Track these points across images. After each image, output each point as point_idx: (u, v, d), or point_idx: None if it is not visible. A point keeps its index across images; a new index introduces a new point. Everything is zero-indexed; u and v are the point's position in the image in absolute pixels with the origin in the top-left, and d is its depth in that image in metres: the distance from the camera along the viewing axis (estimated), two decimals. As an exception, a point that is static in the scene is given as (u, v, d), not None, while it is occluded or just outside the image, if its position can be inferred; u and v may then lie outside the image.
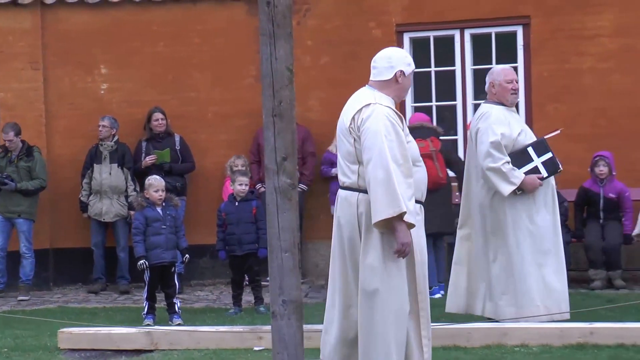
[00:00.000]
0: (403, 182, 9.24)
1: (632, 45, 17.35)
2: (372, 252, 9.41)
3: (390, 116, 9.43)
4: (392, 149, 9.31)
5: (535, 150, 12.47)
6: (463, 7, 17.95)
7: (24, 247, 17.52)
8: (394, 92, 9.75)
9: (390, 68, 9.74)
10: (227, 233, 15.48)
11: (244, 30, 17.38)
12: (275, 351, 8.50)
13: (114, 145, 17.70)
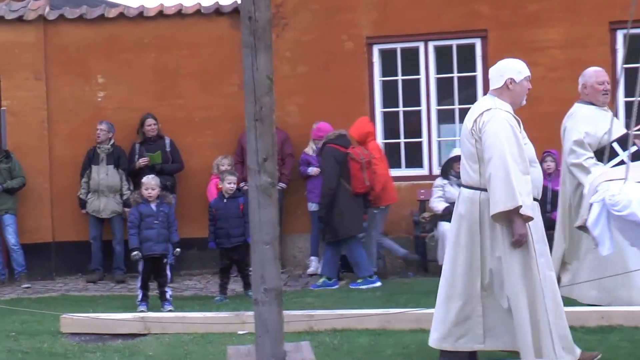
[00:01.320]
0: (521, 179, 9.30)
1: (579, 56, 17.43)
2: (499, 246, 9.45)
3: (509, 120, 9.56)
4: (511, 148, 9.41)
5: (620, 145, 11.82)
6: (427, 22, 18.08)
7: (13, 239, 17.69)
8: (509, 98, 9.90)
9: (500, 77, 9.99)
10: (217, 227, 15.63)
11: (228, 42, 17.44)
12: (258, 334, 8.67)
13: (110, 148, 17.82)
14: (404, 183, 18.28)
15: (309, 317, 12.72)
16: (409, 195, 18.09)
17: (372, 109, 18.49)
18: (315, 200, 17.65)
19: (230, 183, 15.65)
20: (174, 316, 13.66)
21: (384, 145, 18.49)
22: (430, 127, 18.53)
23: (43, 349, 12.15)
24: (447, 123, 18.73)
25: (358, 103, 18.41)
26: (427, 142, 18.57)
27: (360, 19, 18.32)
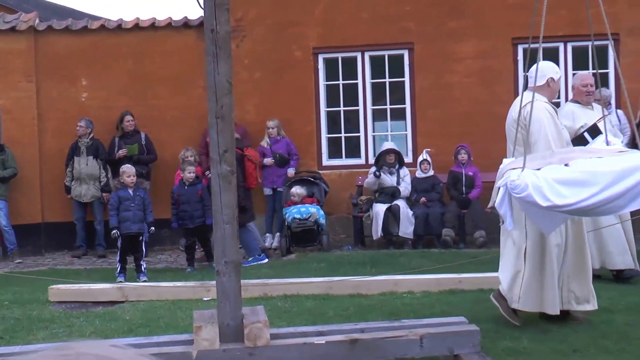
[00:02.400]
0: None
1: (488, 65, 17.72)
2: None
3: (549, 109, 10.11)
4: (552, 133, 9.92)
5: (590, 134, 12.15)
6: (363, 35, 18.14)
7: (4, 221, 17.62)
8: (548, 93, 10.36)
9: (543, 76, 10.27)
10: (180, 210, 15.76)
11: (194, 51, 17.29)
12: (219, 300, 8.76)
13: (89, 141, 17.73)
14: (344, 171, 18.47)
15: (263, 285, 12.90)
16: (348, 181, 18.25)
17: (317, 108, 18.60)
18: (269, 185, 17.88)
19: (190, 172, 15.81)
20: (148, 286, 13.74)
21: (328, 139, 18.69)
22: (366, 124, 18.67)
23: (33, 315, 12.12)
24: (380, 120, 18.80)
25: (305, 103, 18.50)
26: (364, 136, 18.71)
27: (308, 33, 18.37)
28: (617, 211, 9.74)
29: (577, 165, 9.17)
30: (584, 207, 8.98)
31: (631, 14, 17.43)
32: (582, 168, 9.08)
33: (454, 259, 14.73)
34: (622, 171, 8.95)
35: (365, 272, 14.03)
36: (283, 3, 18.39)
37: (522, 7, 15.71)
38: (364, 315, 11.09)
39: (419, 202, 17.14)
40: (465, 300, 12.06)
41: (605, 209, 9.33)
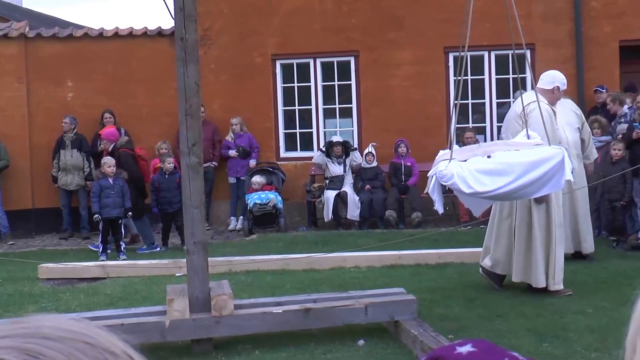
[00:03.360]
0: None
1: (423, 71, 17.74)
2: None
3: (549, 111, 10.23)
4: (549, 132, 9.97)
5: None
6: (315, 44, 18.14)
7: None
8: (549, 98, 10.52)
9: (552, 82, 10.62)
10: (160, 196, 15.70)
11: (167, 57, 16.82)
12: (189, 276, 8.83)
13: (73, 136, 17.47)
14: (299, 162, 18.45)
15: (228, 262, 12.89)
16: (302, 171, 18.27)
17: (275, 107, 18.55)
18: (233, 175, 17.90)
19: (169, 163, 15.74)
20: (127, 264, 13.75)
21: (284, 134, 18.74)
22: (318, 121, 18.65)
23: (24, 291, 12.13)
24: (330, 118, 18.77)
25: (265, 103, 18.45)
26: (316, 132, 18.69)
27: (267, 41, 18.29)
28: (528, 196, 9.90)
29: (497, 157, 9.27)
30: (501, 193, 9.12)
31: (545, 27, 17.53)
32: (500, 160, 9.19)
33: (394, 237, 14.70)
34: (534, 162, 9.10)
35: (318, 250, 14.04)
36: (245, 15, 18.30)
37: (452, 20, 15.74)
38: (316, 288, 11.17)
39: (364, 188, 17.19)
40: (404, 274, 12.20)
41: (519, 195, 9.52)
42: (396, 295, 9.39)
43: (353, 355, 8.39)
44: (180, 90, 8.80)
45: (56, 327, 0.91)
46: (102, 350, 0.90)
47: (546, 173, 9.06)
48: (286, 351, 8.55)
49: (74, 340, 0.89)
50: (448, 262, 12.79)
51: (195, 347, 8.71)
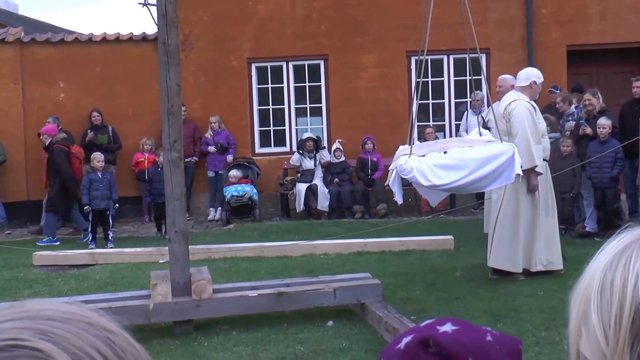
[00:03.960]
0: (535, 147, 10.13)
1: (387, 73, 17.78)
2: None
3: (528, 107, 10.33)
4: (530, 126, 10.18)
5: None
6: (287, 48, 18.11)
7: None
8: (529, 94, 10.63)
9: (527, 79, 10.65)
10: (153, 187, 15.70)
11: (150, 60, 16.75)
12: (171, 263, 8.80)
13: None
14: (273, 157, 18.40)
15: (207, 250, 12.89)
16: (276, 165, 18.21)
17: (250, 107, 18.49)
18: (212, 169, 17.85)
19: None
20: (114, 251, 13.67)
21: (259, 131, 18.69)
22: (290, 119, 18.60)
23: (19, 277, 12.08)
24: (302, 117, 18.74)
25: (241, 103, 18.40)
26: (288, 129, 18.64)
27: (243, 46, 18.25)
28: (481, 189, 10.00)
29: (452, 152, 9.28)
30: (456, 186, 9.14)
31: (498, 33, 17.59)
32: (456, 155, 9.18)
33: (360, 227, 14.80)
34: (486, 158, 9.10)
35: (290, 238, 14.05)
36: (222, 22, 18.25)
37: (413, 26, 15.73)
38: (289, 273, 11.15)
39: (333, 182, 17.17)
40: (369, 260, 12.20)
41: (473, 187, 9.54)
42: (362, 279, 9.39)
43: (323, 335, 8.40)
44: (162, 90, 8.76)
45: (56, 309, 0.92)
46: (102, 328, 0.92)
47: (498, 168, 9.07)
48: (261, 331, 8.55)
49: (76, 320, 0.91)
50: (410, 250, 12.78)
51: (177, 328, 8.69)
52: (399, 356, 1.33)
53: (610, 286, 1.15)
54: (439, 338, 1.31)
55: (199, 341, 8.37)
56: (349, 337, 8.27)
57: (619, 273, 1.15)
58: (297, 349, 7.91)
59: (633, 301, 1.13)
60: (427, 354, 1.31)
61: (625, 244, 1.18)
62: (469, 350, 1.30)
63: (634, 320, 1.12)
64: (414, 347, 1.32)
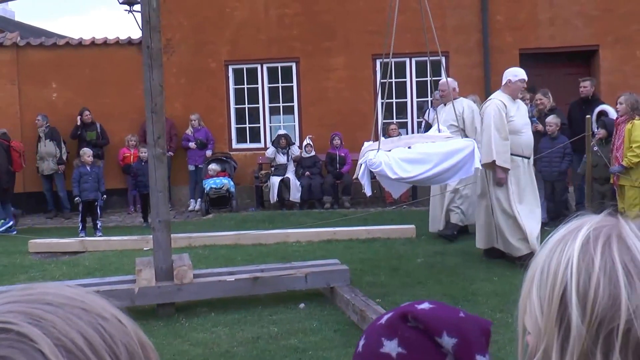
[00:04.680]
0: (500, 143, 9.94)
1: (354, 75, 17.74)
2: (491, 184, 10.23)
3: (498, 105, 10.11)
4: (496, 123, 10.00)
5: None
6: (262, 52, 18.03)
7: None
8: (509, 91, 10.38)
9: (505, 78, 10.45)
10: (138, 181, 15.62)
11: (135, 62, 16.76)
12: (155, 250, 8.80)
13: (46, 129, 17.26)
14: (248, 152, 18.31)
15: (188, 238, 12.82)
16: (251, 160, 18.12)
17: (228, 106, 18.41)
18: (192, 163, 17.76)
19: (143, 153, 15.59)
20: (102, 239, 13.61)
21: (236, 129, 18.58)
22: (265, 117, 18.51)
23: (16, 263, 12.06)
24: (275, 115, 18.63)
25: (219, 102, 18.30)
26: (263, 127, 18.53)
27: (220, 50, 18.17)
28: (444, 181, 9.99)
29: (417, 147, 9.26)
30: (421, 178, 9.13)
31: (456, 38, 17.58)
32: (420, 150, 9.19)
33: (330, 217, 14.77)
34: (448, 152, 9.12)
35: (264, 227, 14.03)
36: (201, 27, 18.18)
37: (378, 32, 15.68)
38: (263, 259, 11.11)
39: (304, 175, 17.13)
40: (338, 248, 12.17)
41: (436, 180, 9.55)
42: (332, 265, 9.39)
43: (295, 316, 8.40)
44: (146, 90, 8.74)
45: (58, 294, 0.93)
46: (95, 315, 0.92)
47: (459, 162, 9.07)
48: (238, 313, 8.54)
49: (72, 306, 0.91)
50: (376, 238, 12.75)
51: (160, 310, 8.69)
52: (381, 329, 1.41)
53: (548, 269, 1.22)
54: (417, 313, 1.38)
55: (181, 322, 8.36)
56: (319, 318, 8.27)
57: (555, 257, 1.22)
58: (271, 329, 7.91)
59: (562, 282, 1.19)
60: (406, 327, 1.39)
61: (564, 233, 1.25)
62: (444, 323, 1.37)
63: (562, 298, 1.19)
64: (394, 321, 1.40)
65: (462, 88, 16.15)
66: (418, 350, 1.37)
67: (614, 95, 14.45)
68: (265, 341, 7.50)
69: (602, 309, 1.15)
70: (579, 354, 1.16)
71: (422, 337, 1.37)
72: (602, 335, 1.15)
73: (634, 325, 1.14)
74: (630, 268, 1.16)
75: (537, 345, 1.23)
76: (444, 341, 1.36)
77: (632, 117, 11.63)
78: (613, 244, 1.19)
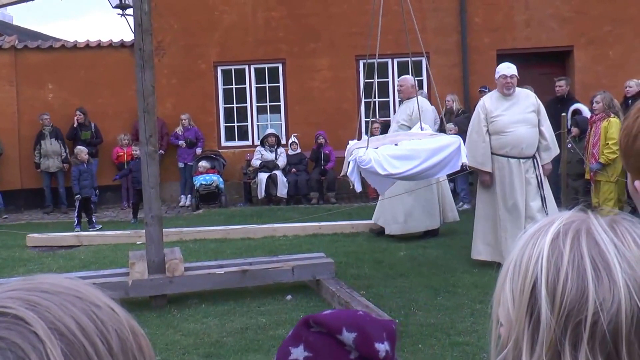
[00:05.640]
0: (474, 144, 9.50)
1: (338, 75, 17.76)
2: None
3: (479, 106, 9.68)
4: (474, 126, 9.62)
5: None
6: (249, 53, 18.01)
7: None
8: (497, 88, 9.73)
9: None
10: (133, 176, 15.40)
11: (128, 64, 16.66)
12: (147, 244, 8.77)
13: (51, 128, 17.32)
14: (237, 150, 18.30)
15: (179, 232, 12.77)
16: (240, 157, 18.11)
17: (217, 105, 18.38)
18: (182, 161, 17.73)
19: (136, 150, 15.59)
20: (97, 234, 13.60)
21: (225, 127, 18.56)
22: (252, 116, 18.48)
23: (15, 257, 12.03)
24: (263, 114, 18.64)
25: (208, 102, 18.27)
26: (251, 125, 18.52)
27: (210, 51, 18.13)
28: (431, 177, 9.90)
29: (404, 144, 9.24)
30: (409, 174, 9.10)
31: (436, 39, 17.57)
32: (408, 147, 9.16)
33: (315, 212, 14.73)
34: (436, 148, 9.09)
35: (252, 222, 13.98)
36: (191, 30, 18.15)
37: (361, 33, 15.69)
38: (251, 253, 11.09)
39: (290, 171, 17.12)
40: (323, 241, 12.13)
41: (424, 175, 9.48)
42: (317, 258, 9.37)
43: (282, 307, 8.38)
44: (138, 91, 8.70)
45: (55, 283, 0.95)
46: (89, 303, 0.93)
47: (446, 157, 9.06)
48: (227, 305, 8.52)
49: (67, 294, 0.93)
50: (360, 232, 12.72)
51: (152, 302, 8.67)
52: (288, 341, 1.44)
53: (520, 262, 1.23)
54: (317, 317, 1.42)
55: (173, 313, 8.34)
56: (305, 310, 8.23)
57: (527, 252, 1.23)
58: (259, 320, 7.88)
59: (533, 275, 1.20)
60: (310, 332, 1.42)
61: (537, 228, 1.26)
62: (342, 321, 1.40)
63: (532, 291, 1.20)
64: (298, 329, 1.44)
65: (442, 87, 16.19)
66: (323, 351, 1.40)
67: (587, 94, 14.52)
68: (253, 331, 7.48)
69: (570, 301, 1.17)
70: (549, 344, 1.17)
71: (325, 338, 1.41)
72: (570, 327, 1.16)
73: (601, 317, 1.15)
74: (597, 262, 1.18)
75: (509, 335, 1.24)
76: (344, 337, 1.39)
77: (607, 115, 11.66)
78: (582, 239, 1.20)
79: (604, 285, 1.16)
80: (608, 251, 1.18)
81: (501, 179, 9.51)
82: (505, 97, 9.60)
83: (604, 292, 1.16)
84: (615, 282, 1.16)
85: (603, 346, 1.15)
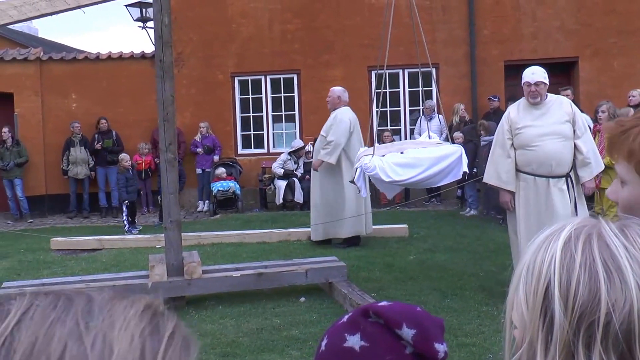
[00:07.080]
0: (496, 161, 7.91)
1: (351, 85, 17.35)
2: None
3: (505, 115, 8.00)
4: (498, 137, 7.99)
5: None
6: (265, 64, 18.06)
7: (20, 193, 17.25)
8: (525, 95, 7.78)
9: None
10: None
11: (149, 74, 16.73)
12: (167, 248, 8.78)
13: (80, 136, 17.43)
14: (253, 158, 18.35)
15: (197, 237, 12.77)
16: (256, 164, 18.16)
17: (234, 114, 18.43)
18: (200, 167, 17.79)
19: None
20: (119, 237, 13.58)
21: (241, 135, 18.59)
22: (268, 125, 18.52)
23: (40, 259, 12.08)
24: (278, 123, 18.70)
25: (226, 111, 18.33)
26: (266, 134, 18.55)
27: (227, 63, 18.19)
28: (434, 184, 9.90)
29: (409, 153, 9.26)
30: (413, 181, 9.12)
31: (445, 50, 17.59)
32: (412, 155, 9.18)
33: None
34: (438, 157, 9.10)
35: (268, 227, 13.99)
36: (210, 42, 18.21)
37: (373, 45, 15.72)
38: (267, 257, 11.09)
39: (305, 178, 17.14)
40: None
41: (427, 183, 9.51)
42: (330, 262, 9.37)
43: (296, 309, 8.39)
44: (159, 101, 8.72)
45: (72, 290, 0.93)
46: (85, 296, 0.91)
47: (448, 166, 9.06)
48: (243, 306, 8.54)
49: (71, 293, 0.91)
50: (371, 237, 12.64)
51: (171, 303, 8.60)
52: (343, 326, 1.42)
53: (533, 265, 1.23)
54: (377, 308, 1.40)
55: (191, 314, 8.36)
56: (318, 311, 8.26)
57: (540, 255, 1.23)
58: (274, 321, 7.90)
59: (546, 278, 1.20)
60: (368, 322, 1.40)
61: (549, 233, 1.26)
62: (403, 317, 1.38)
63: (545, 293, 1.20)
64: (356, 317, 1.41)
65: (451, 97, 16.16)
66: (380, 343, 1.38)
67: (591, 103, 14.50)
68: (268, 332, 7.51)
69: (582, 302, 1.16)
70: (562, 346, 1.17)
71: (383, 330, 1.39)
72: (583, 328, 1.16)
73: (613, 318, 1.15)
74: (609, 265, 1.18)
75: (523, 337, 1.23)
76: (403, 333, 1.38)
77: (612, 124, 11.61)
78: (594, 242, 1.21)
79: (615, 287, 1.16)
80: (619, 254, 1.18)
81: (526, 199, 7.82)
82: (533, 106, 7.83)
83: (616, 293, 1.16)
84: (627, 284, 1.16)
85: (616, 346, 1.15)
